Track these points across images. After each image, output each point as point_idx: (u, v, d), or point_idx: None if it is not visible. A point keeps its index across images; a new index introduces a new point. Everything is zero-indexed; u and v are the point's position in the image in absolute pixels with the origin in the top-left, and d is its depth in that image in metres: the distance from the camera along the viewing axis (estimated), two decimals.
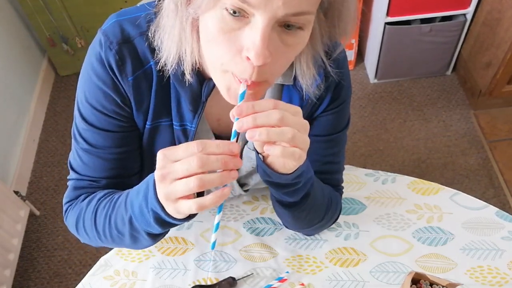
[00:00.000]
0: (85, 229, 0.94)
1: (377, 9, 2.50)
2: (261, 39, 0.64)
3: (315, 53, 0.79)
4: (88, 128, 0.90)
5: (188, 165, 0.66)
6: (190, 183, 0.66)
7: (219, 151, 0.67)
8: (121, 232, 0.87)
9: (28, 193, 2.51)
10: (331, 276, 1.10)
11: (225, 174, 0.67)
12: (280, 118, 0.66)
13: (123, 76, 0.84)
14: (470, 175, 2.42)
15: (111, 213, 0.87)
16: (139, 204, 0.78)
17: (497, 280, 1.08)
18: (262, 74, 0.69)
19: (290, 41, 0.68)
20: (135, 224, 0.82)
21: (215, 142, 0.67)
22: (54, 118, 2.83)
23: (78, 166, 0.96)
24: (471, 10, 2.43)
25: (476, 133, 2.57)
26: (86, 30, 2.75)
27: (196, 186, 0.66)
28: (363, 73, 2.88)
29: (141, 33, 0.83)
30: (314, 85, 0.85)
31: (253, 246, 1.16)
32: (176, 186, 0.68)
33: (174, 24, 0.74)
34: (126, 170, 0.97)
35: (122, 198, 0.85)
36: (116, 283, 1.13)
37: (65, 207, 1.00)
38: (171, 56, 0.78)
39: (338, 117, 0.99)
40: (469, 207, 1.20)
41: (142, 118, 0.91)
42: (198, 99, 0.88)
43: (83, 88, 0.89)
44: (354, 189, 1.24)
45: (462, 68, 2.75)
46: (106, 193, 0.93)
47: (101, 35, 0.84)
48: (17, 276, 2.20)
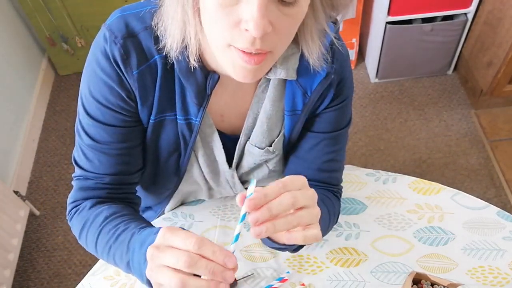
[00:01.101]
0: (87, 241, 0.94)
1: (378, 8, 2.50)
2: (258, 10, 0.64)
3: (319, 26, 0.78)
4: (92, 123, 0.90)
5: (176, 259, 0.67)
6: (172, 280, 0.67)
7: (213, 258, 0.67)
8: (118, 265, 0.87)
9: (28, 193, 2.51)
10: (332, 276, 1.10)
11: (213, 285, 0.66)
12: (293, 202, 0.68)
13: (127, 70, 0.84)
14: (471, 175, 2.42)
15: (112, 244, 0.87)
16: (138, 260, 0.78)
17: (498, 281, 1.07)
18: (265, 43, 0.69)
19: (288, 12, 0.68)
20: (132, 270, 0.82)
21: (213, 247, 0.67)
22: (54, 117, 2.83)
23: (82, 162, 0.95)
24: (472, 9, 2.43)
25: (477, 132, 2.57)
26: (86, 30, 2.74)
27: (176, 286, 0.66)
28: (364, 72, 2.88)
29: (146, 27, 0.84)
30: (321, 58, 0.84)
31: (253, 246, 1.16)
32: (160, 272, 0.69)
33: (177, 9, 0.74)
34: (130, 167, 0.97)
35: (126, 236, 0.85)
36: (117, 283, 1.12)
37: (70, 207, 0.99)
38: (175, 42, 0.78)
39: (340, 114, 0.99)
40: (470, 207, 1.19)
41: (146, 113, 0.91)
42: (203, 92, 0.88)
43: (87, 83, 0.89)
44: (355, 189, 1.24)
45: (463, 67, 2.75)
46: (113, 212, 0.93)
47: (106, 30, 0.84)
48: (17, 276, 2.20)
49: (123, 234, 0.86)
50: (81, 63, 2.87)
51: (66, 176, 2.55)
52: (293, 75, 0.89)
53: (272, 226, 0.68)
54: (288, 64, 0.88)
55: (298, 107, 0.95)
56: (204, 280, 0.66)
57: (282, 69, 0.88)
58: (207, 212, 1.23)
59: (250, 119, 0.98)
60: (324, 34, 0.81)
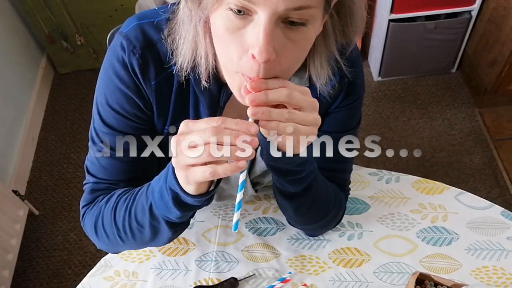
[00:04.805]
0: (104, 228, 0.94)
1: (381, 6, 2.50)
2: (264, 35, 0.65)
3: (329, 53, 0.80)
4: (108, 131, 0.92)
5: (202, 133, 0.68)
6: (203, 155, 0.67)
7: (236, 127, 0.68)
8: (141, 224, 0.88)
9: (27, 193, 2.50)
10: (334, 277, 1.10)
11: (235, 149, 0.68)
12: (288, 94, 0.69)
13: (146, 81, 0.87)
14: (475, 174, 2.41)
15: (131, 205, 0.88)
16: (160, 187, 0.80)
17: (503, 281, 1.08)
18: (269, 71, 0.70)
19: (295, 37, 0.69)
20: (155, 211, 0.83)
21: (235, 119, 0.69)
22: (53, 116, 2.82)
23: (95, 170, 0.97)
24: (476, 7, 2.42)
25: (481, 131, 2.56)
26: (86, 27, 2.73)
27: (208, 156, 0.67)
28: (366, 71, 2.88)
29: (163, 37, 0.85)
30: (329, 85, 0.86)
31: (255, 246, 1.16)
32: (188, 153, 0.69)
33: (189, 29, 0.76)
34: (144, 173, 0.98)
35: (144, 189, 0.87)
36: (117, 283, 1.13)
37: (82, 211, 1.00)
38: (186, 61, 0.80)
39: (350, 114, 1.00)
40: (474, 207, 1.20)
41: (161, 122, 0.93)
42: (216, 105, 0.89)
43: (103, 91, 0.90)
44: (358, 189, 1.24)
45: (467, 65, 2.74)
46: (126, 189, 0.94)
47: (123, 39, 0.86)
48: (16, 276, 2.19)
49: (139, 192, 0.88)
50: (81, 61, 2.89)
51: (65, 176, 2.55)
52: (305, 82, 0.90)
53: (268, 111, 0.69)
54: (300, 73, 0.89)
55: None
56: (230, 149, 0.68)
57: (295, 77, 0.89)
58: (208, 212, 1.23)
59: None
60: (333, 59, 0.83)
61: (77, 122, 2.76)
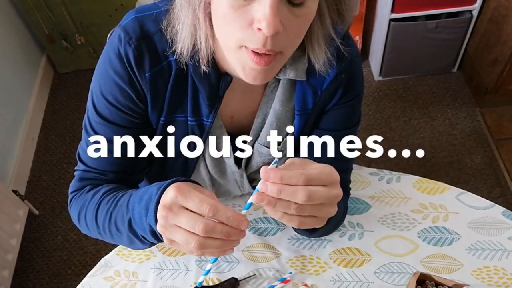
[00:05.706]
0: (86, 221, 0.96)
1: (382, 5, 2.50)
2: (270, 9, 0.66)
3: (325, 32, 0.81)
4: (100, 121, 0.92)
5: (193, 225, 0.69)
6: (190, 241, 0.70)
7: (228, 223, 0.70)
8: (119, 230, 0.88)
9: (27, 193, 2.50)
10: (335, 277, 1.10)
11: (226, 243, 0.71)
12: (306, 199, 0.68)
13: (140, 72, 0.87)
14: (476, 174, 2.41)
15: (112, 210, 0.89)
16: (139, 212, 0.80)
17: (504, 281, 1.07)
18: (276, 43, 0.71)
19: (298, 12, 0.71)
20: (134, 227, 0.84)
21: (227, 213, 0.70)
22: (53, 116, 2.82)
23: (86, 158, 0.98)
24: (477, 6, 2.42)
25: (482, 131, 2.56)
26: (86, 27, 2.73)
27: (195, 248, 0.70)
28: (367, 70, 2.88)
29: (161, 29, 0.86)
30: (326, 63, 0.87)
31: (255, 247, 1.16)
32: (175, 232, 0.72)
33: (188, 13, 0.77)
34: (134, 166, 0.99)
35: (125, 198, 0.87)
36: (117, 283, 1.13)
37: (70, 197, 1.02)
38: (185, 47, 0.81)
39: (349, 112, 1.00)
40: (475, 207, 1.19)
41: (156, 114, 0.94)
42: (215, 94, 0.90)
43: (98, 82, 0.91)
44: (359, 188, 1.24)
45: (468, 65, 2.74)
46: (111, 188, 0.95)
47: (121, 31, 0.87)
48: (16, 277, 2.19)
49: (121, 199, 0.88)
50: (81, 60, 2.88)
51: (65, 176, 2.55)
52: (302, 75, 0.91)
53: (273, 202, 0.69)
54: (297, 65, 0.90)
55: (309, 106, 0.97)
56: (219, 240, 0.70)
57: (292, 69, 0.90)
58: None
59: (259, 119, 1.00)
60: (331, 40, 0.84)
61: (77, 122, 2.75)
